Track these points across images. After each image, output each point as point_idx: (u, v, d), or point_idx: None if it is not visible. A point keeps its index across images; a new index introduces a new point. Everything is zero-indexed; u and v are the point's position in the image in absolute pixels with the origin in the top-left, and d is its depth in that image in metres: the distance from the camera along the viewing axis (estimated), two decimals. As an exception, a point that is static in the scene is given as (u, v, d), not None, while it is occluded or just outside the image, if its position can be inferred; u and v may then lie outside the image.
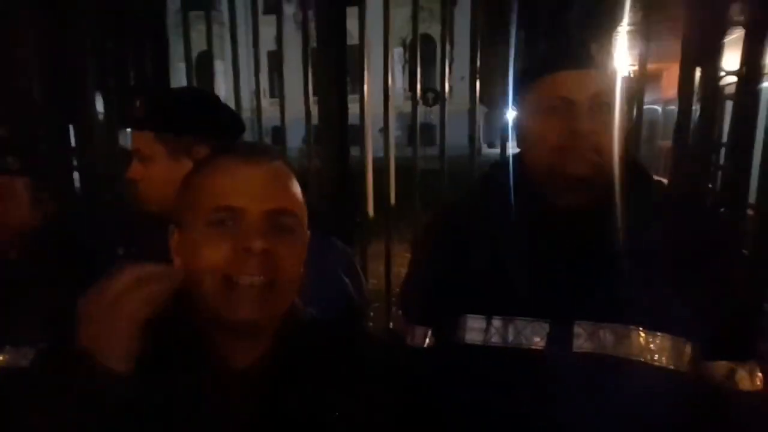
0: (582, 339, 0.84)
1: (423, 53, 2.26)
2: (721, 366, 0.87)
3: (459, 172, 2.04)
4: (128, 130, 1.25)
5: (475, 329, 0.89)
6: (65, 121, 1.85)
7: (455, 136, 2.19)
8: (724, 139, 1.62)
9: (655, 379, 0.82)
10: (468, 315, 0.90)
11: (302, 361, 0.69)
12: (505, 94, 1.04)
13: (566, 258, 0.87)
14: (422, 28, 2.22)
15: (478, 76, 1.98)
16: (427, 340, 0.97)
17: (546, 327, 0.86)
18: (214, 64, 2.16)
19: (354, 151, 2.55)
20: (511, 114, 1.04)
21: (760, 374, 0.88)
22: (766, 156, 1.47)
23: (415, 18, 2.06)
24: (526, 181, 0.93)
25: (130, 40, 2.13)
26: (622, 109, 0.85)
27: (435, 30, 2.67)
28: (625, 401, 0.82)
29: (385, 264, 2.13)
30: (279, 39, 2.02)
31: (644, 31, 1.69)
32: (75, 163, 1.85)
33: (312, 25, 1.96)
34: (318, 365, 0.70)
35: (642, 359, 0.82)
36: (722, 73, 1.48)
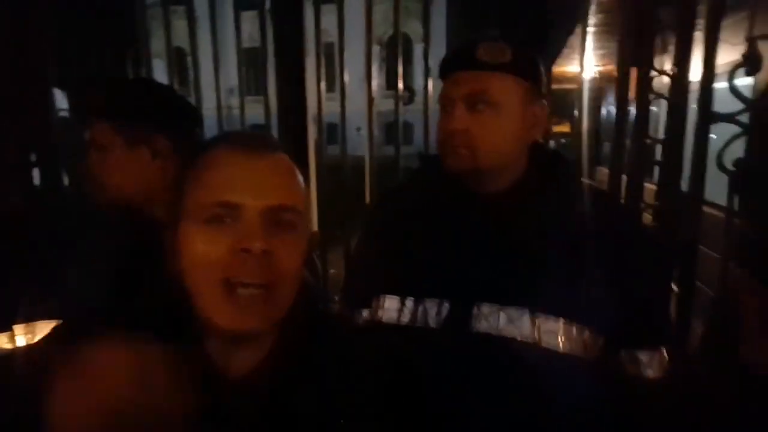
0: (479, 320, 0.90)
1: (394, 52, 2.32)
2: (628, 354, 0.92)
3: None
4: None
5: (391, 309, 0.95)
6: (24, 116, 1.86)
7: (432, 134, 2.24)
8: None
9: (546, 361, 0.87)
10: (386, 295, 0.96)
11: (305, 362, 0.66)
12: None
13: (473, 242, 0.93)
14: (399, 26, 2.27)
15: None
16: (363, 321, 1.02)
17: (448, 307, 0.92)
18: (186, 60, 2.18)
19: (333, 150, 2.59)
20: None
21: (666, 362, 0.93)
22: (696, 151, 1.57)
23: (396, 14, 2.09)
24: (443, 167, 0.98)
25: (95, 34, 2.13)
26: (508, 108, 0.91)
27: (410, 28, 2.70)
28: (518, 381, 0.88)
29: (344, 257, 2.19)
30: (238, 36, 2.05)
31: (602, 33, 1.77)
32: (34, 158, 1.86)
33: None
34: (321, 365, 0.67)
35: (531, 341, 0.87)
36: (654, 74, 1.57)
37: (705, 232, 1.55)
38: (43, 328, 1.08)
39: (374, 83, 2.31)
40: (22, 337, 1.08)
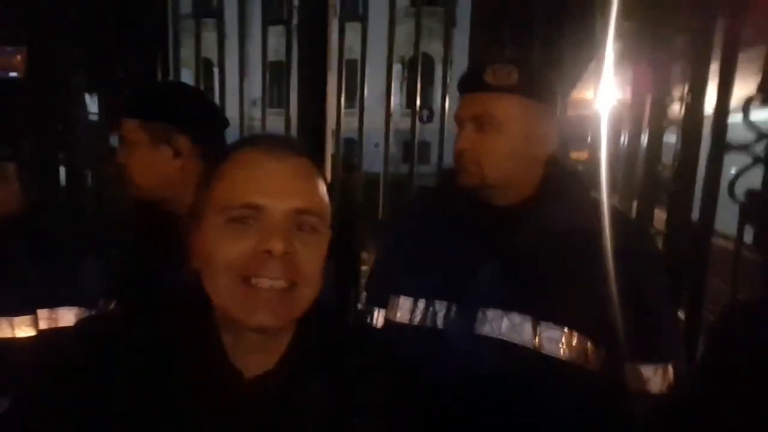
0: (483, 323, 0.94)
1: (422, 71, 2.38)
2: (632, 368, 0.95)
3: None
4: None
5: (405, 308, 1.01)
6: (55, 117, 1.95)
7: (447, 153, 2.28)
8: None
9: (545, 367, 0.91)
10: (401, 296, 1.02)
11: (321, 363, 0.67)
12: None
13: (483, 250, 0.98)
14: (421, 47, 2.32)
15: None
16: (381, 320, 1.09)
17: (455, 309, 0.97)
18: (214, 71, 2.26)
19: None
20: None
21: (671, 377, 0.95)
22: (708, 179, 1.57)
23: (418, 34, 2.15)
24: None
25: (127, 41, 2.23)
26: (513, 128, 0.95)
27: (433, 48, 2.75)
28: (516, 384, 0.92)
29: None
30: (264, 49, 2.12)
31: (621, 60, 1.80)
32: (61, 157, 1.95)
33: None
34: (336, 366, 0.68)
35: (531, 347, 0.91)
36: (668, 102, 1.59)
37: (714, 262, 1.55)
38: (65, 315, 1.14)
39: (394, 101, 2.35)
40: (45, 321, 1.13)
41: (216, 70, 2.23)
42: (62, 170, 1.94)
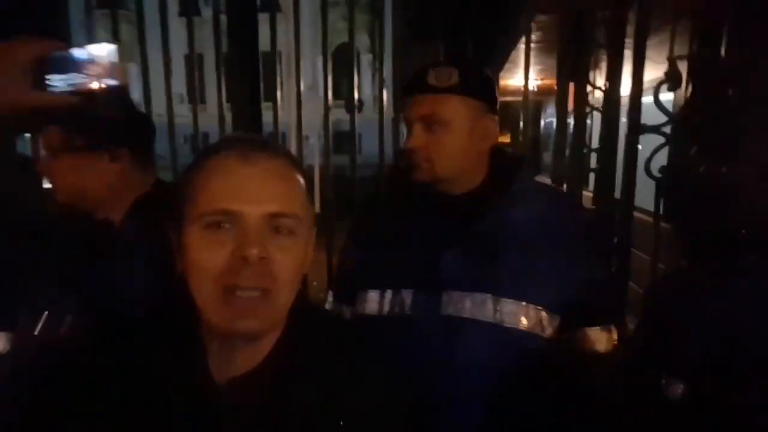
0: (447, 305, 1.02)
1: (346, 62, 2.37)
2: (578, 331, 1.06)
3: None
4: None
5: (373, 301, 1.07)
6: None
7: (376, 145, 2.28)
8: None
9: (508, 338, 1.00)
10: (369, 289, 1.08)
11: (304, 362, 0.68)
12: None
13: (441, 238, 1.05)
14: (344, 38, 2.31)
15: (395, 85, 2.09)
16: (349, 316, 1.14)
17: (421, 296, 1.03)
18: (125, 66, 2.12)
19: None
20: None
21: (615, 337, 1.08)
22: (627, 159, 1.71)
23: (351, 24, 2.13)
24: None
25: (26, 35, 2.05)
26: (458, 125, 1.02)
27: (357, 39, 2.75)
28: (483, 357, 1.00)
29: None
30: (191, 43, 2.04)
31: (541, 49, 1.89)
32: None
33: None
34: (318, 365, 0.69)
35: (494, 322, 1.00)
36: (589, 88, 1.70)
37: (636, 234, 1.69)
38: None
39: (321, 93, 2.34)
40: None
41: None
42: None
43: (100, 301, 0.99)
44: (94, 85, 0.69)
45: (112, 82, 0.70)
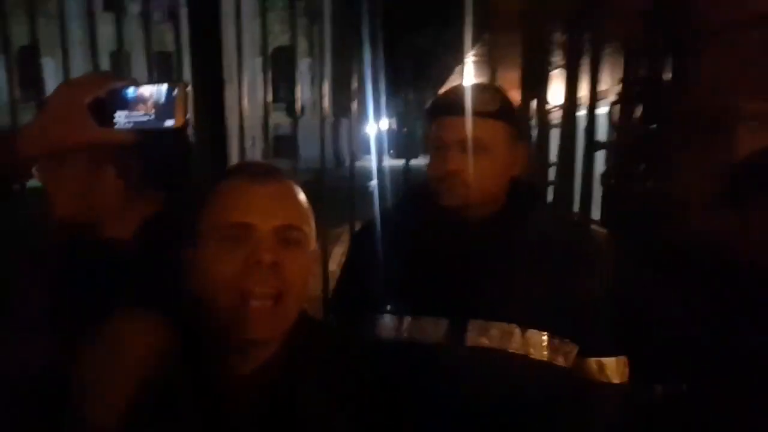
0: (473, 334, 0.99)
1: (284, 65, 2.33)
2: (593, 361, 1.04)
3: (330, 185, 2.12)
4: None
5: (389, 327, 1.03)
6: None
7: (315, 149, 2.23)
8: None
9: (532, 370, 0.98)
10: (385, 314, 1.04)
11: (308, 366, 0.74)
12: (365, 107, 1.17)
13: (465, 265, 1.02)
14: (283, 41, 2.27)
15: (334, 89, 2.08)
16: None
17: (445, 324, 1.00)
18: (43, 60, 1.97)
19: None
20: (372, 127, 1.18)
21: (626, 368, 1.06)
22: (584, 171, 1.80)
23: (294, 28, 2.07)
24: (435, 198, 1.06)
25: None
26: (497, 150, 1.01)
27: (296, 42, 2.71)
28: (508, 387, 0.98)
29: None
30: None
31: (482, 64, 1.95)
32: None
33: (162, 27, 1.89)
34: (324, 369, 0.74)
35: (521, 353, 0.98)
36: (549, 105, 1.78)
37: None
38: None
39: (259, 96, 2.30)
40: None
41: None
42: None
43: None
44: (157, 123, 0.68)
45: (174, 123, 0.67)
